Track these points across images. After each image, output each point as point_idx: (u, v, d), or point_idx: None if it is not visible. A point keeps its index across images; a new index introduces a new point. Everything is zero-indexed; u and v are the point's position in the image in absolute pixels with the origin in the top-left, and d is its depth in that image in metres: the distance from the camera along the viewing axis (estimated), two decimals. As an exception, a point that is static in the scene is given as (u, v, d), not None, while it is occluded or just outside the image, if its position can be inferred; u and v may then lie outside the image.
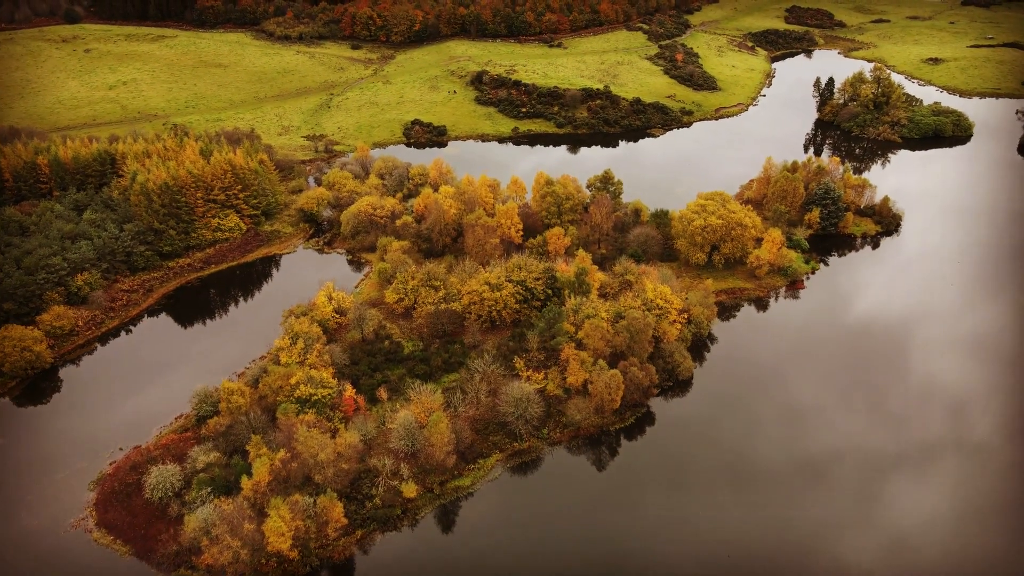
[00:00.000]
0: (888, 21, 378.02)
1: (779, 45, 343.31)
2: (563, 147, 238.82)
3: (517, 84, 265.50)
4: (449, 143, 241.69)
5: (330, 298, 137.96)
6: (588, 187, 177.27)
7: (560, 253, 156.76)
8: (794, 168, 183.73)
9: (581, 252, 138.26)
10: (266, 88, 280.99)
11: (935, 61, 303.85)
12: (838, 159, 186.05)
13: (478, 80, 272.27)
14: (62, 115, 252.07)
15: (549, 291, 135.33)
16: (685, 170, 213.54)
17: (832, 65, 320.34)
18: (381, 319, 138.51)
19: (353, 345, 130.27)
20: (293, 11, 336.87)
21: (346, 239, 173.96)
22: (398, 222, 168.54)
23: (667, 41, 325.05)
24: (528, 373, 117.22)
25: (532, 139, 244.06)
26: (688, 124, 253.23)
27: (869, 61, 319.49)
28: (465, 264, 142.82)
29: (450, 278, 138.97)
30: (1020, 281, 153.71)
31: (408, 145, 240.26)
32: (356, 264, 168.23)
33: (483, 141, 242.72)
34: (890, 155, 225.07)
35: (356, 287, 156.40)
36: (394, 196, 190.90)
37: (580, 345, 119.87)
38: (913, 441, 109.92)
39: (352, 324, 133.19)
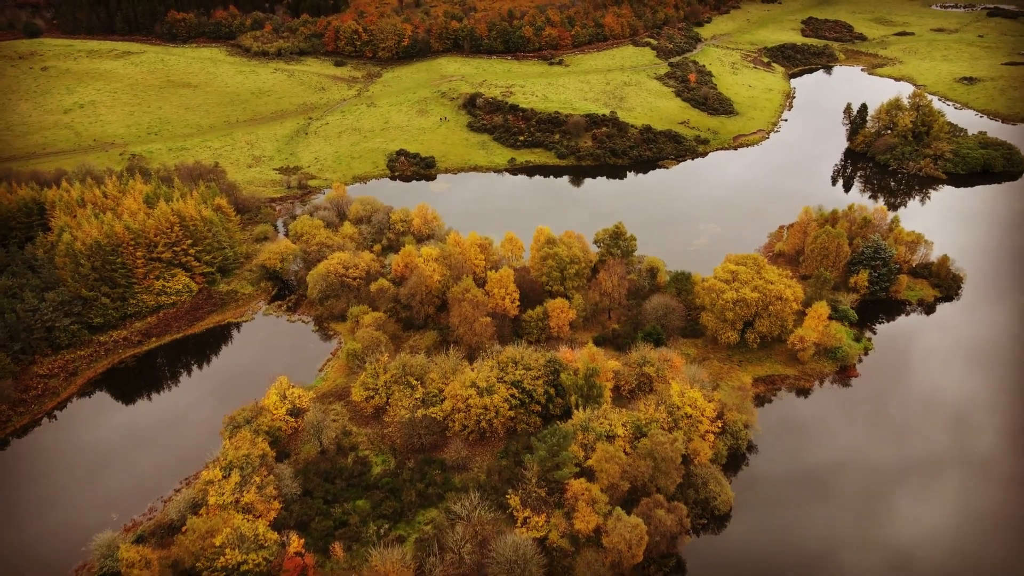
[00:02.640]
0: (912, 34, 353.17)
1: (797, 61, 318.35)
2: (565, 179, 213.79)
3: (514, 108, 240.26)
4: (438, 176, 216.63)
5: (283, 396, 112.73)
6: (596, 243, 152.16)
7: (563, 329, 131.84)
8: (834, 219, 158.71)
9: (591, 347, 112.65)
10: (238, 111, 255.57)
11: (970, 80, 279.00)
12: (885, 208, 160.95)
13: (471, 103, 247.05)
14: (8, 143, 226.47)
15: (551, 390, 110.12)
16: (703, 211, 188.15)
17: (856, 83, 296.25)
18: (346, 421, 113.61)
19: (308, 463, 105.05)
20: (272, 24, 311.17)
21: (313, 304, 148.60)
22: (373, 286, 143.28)
23: (677, 58, 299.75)
24: (525, 514, 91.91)
25: (530, 171, 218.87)
26: (704, 154, 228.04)
27: (896, 79, 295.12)
28: (449, 353, 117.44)
29: (430, 374, 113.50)
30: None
31: (393, 178, 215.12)
32: (325, 333, 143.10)
33: (477, 172, 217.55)
34: (932, 192, 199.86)
35: (321, 370, 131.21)
36: (372, 248, 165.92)
37: (591, 476, 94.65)
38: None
39: (309, 432, 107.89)
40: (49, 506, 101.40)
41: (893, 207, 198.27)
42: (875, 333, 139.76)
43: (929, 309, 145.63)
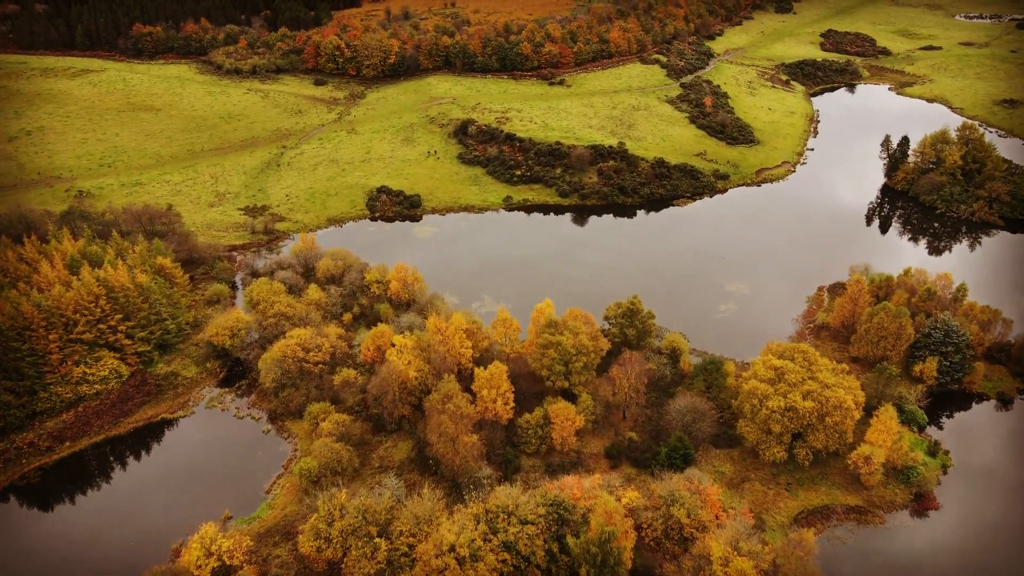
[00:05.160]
0: (939, 48, 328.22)
1: (818, 79, 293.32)
2: (567, 221, 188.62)
3: (510, 138, 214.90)
4: (424, 217, 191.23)
5: (208, 552, 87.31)
6: (607, 319, 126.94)
7: (569, 441, 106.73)
8: (888, 288, 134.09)
9: (606, 499, 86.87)
10: (204, 138, 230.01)
11: (1011, 103, 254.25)
12: (950, 275, 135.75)
13: (463, 131, 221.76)
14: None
15: (554, 546, 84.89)
16: (727, 265, 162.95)
17: (884, 104, 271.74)
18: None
19: (233, 655, 79.69)
20: (247, 39, 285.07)
21: (267, 395, 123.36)
22: (337, 378, 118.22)
23: (689, 77, 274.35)
24: None
25: (528, 210, 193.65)
26: (723, 191, 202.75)
27: (928, 100, 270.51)
28: (423, 492, 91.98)
29: (397, 521, 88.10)
30: None
31: (373, 219, 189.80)
32: (279, 431, 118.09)
33: (468, 213, 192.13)
34: (987, 240, 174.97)
35: (268, 491, 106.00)
36: (341, 317, 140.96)
37: None
38: None
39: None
40: None
41: (937, 251, 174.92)
42: (941, 428, 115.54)
43: (1007, 403, 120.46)
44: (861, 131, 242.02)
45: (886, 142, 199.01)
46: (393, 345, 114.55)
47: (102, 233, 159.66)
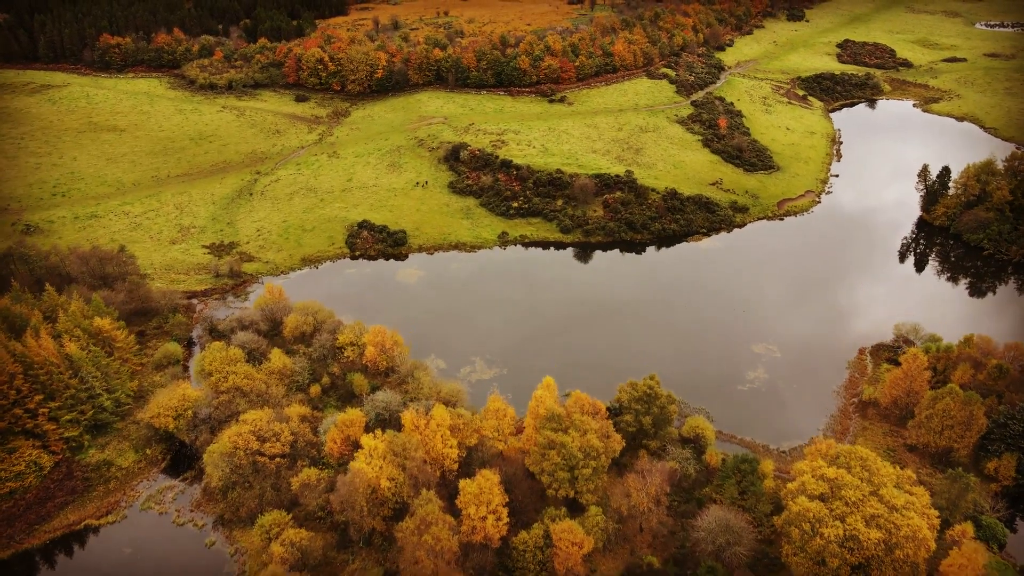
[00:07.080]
0: (964, 60, 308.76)
1: (837, 94, 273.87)
2: (569, 260, 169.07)
3: (507, 165, 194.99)
4: (410, 256, 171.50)
5: None
6: (618, 402, 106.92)
7: (576, 569, 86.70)
8: (946, 360, 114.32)
9: None
10: (171, 163, 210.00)
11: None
12: (1022, 345, 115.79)
13: (454, 156, 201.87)
14: None
15: None
16: (750, 318, 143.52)
17: (910, 123, 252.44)
18: None
19: None
20: (223, 51, 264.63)
21: (214, 494, 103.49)
22: (296, 481, 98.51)
23: (700, 93, 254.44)
24: None
25: (526, 246, 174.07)
26: (742, 224, 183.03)
27: (958, 119, 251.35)
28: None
29: None
30: None
31: (353, 258, 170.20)
32: (228, 540, 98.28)
33: (459, 252, 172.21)
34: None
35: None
36: (308, 389, 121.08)
37: None
38: None
39: None
40: None
41: (979, 291, 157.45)
42: (1014, 531, 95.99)
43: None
44: (888, 154, 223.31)
45: (923, 172, 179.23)
46: (361, 446, 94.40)
47: (39, 281, 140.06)
